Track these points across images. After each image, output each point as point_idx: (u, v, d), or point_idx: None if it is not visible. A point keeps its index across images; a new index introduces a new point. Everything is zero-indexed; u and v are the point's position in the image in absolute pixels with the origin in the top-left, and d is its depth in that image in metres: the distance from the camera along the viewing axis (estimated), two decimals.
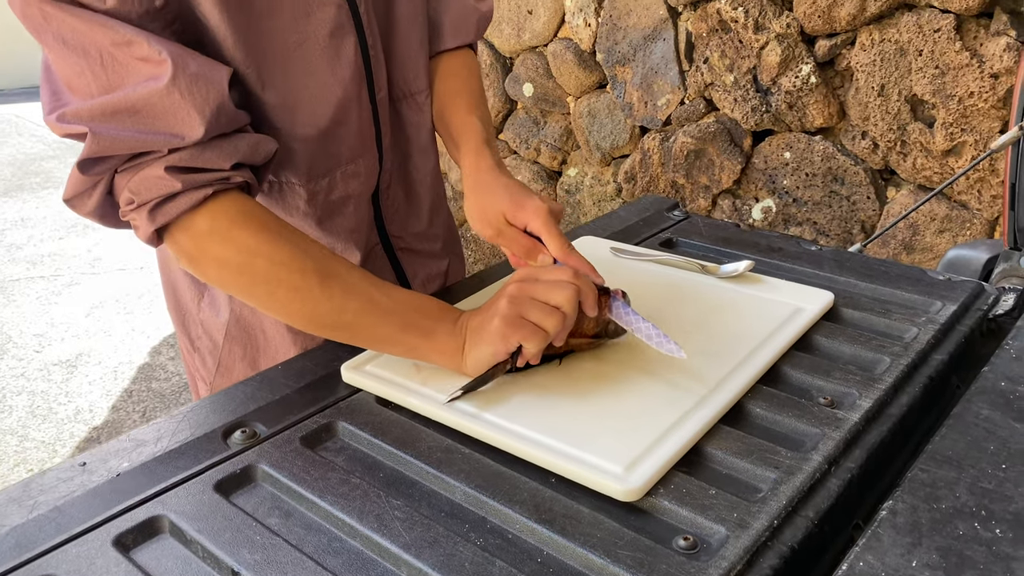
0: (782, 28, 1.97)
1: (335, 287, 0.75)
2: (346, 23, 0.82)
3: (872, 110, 1.90)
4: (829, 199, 2.05)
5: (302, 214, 0.90)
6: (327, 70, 0.82)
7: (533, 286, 0.74)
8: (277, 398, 0.78)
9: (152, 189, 0.71)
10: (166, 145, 0.70)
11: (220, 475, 0.67)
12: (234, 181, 0.75)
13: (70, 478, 0.67)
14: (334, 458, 0.70)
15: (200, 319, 1.00)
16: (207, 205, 0.73)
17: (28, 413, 2.63)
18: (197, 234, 0.74)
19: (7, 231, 4.33)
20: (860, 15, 1.84)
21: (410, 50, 0.93)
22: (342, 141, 0.88)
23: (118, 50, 0.68)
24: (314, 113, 0.84)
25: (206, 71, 0.71)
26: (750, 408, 0.74)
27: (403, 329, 0.76)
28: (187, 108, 0.69)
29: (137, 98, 0.68)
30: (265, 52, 0.78)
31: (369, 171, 0.94)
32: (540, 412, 0.72)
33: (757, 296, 0.92)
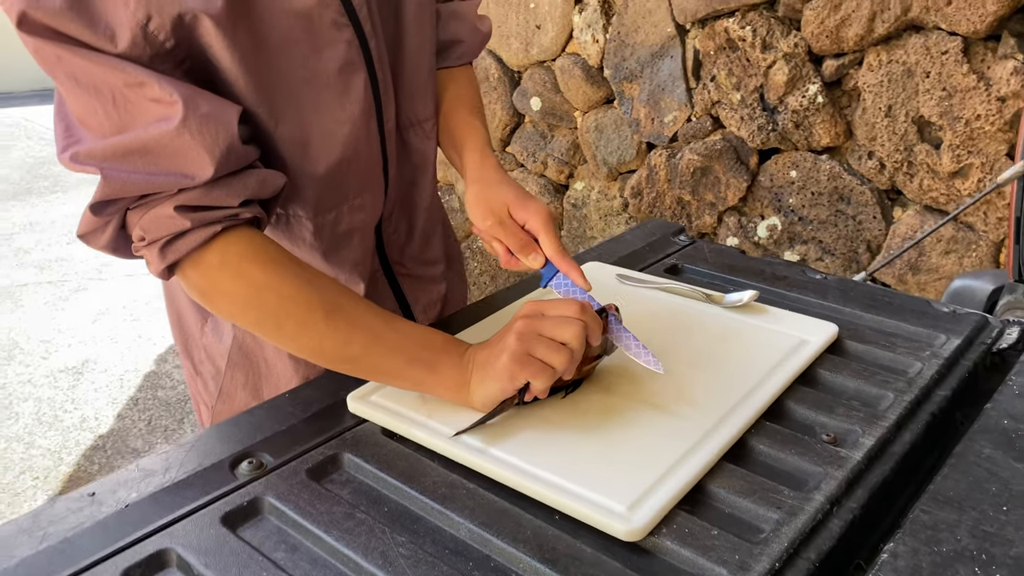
0: (789, 47, 1.98)
1: (340, 321, 0.76)
2: (356, 59, 0.83)
3: (879, 130, 1.90)
4: (835, 218, 2.05)
5: (308, 246, 0.91)
6: (337, 106, 0.83)
7: (540, 322, 0.74)
8: (284, 428, 0.79)
9: (162, 227, 0.72)
10: (176, 186, 0.71)
11: (227, 507, 0.68)
12: (243, 217, 0.76)
13: (79, 508, 0.68)
14: (340, 491, 0.71)
15: (203, 344, 1.01)
16: (217, 241, 0.75)
17: (34, 420, 2.64)
18: (207, 269, 0.75)
19: (15, 235, 4.35)
20: (868, 36, 1.85)
21: (419, 80, 0.94)
22: (350, 175, 0.89)
23: (130, 91, 0.69)
24: (324, 149, 0.84)
25: (216, 111, 0.71)
26: (753, 444, 0.75)
27: (409, 363, 0.77)
28: (197, 149, 0.70)
29: (148, 139, 0.69)
30: (276, 90, 0.79)
31: (375, 203, 0.94)
32: (545, 447, 0.73)
33: (761, 327, 0.92)
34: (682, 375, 0.83)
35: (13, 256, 4.05)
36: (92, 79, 0.69)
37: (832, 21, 1.89)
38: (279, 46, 0.78)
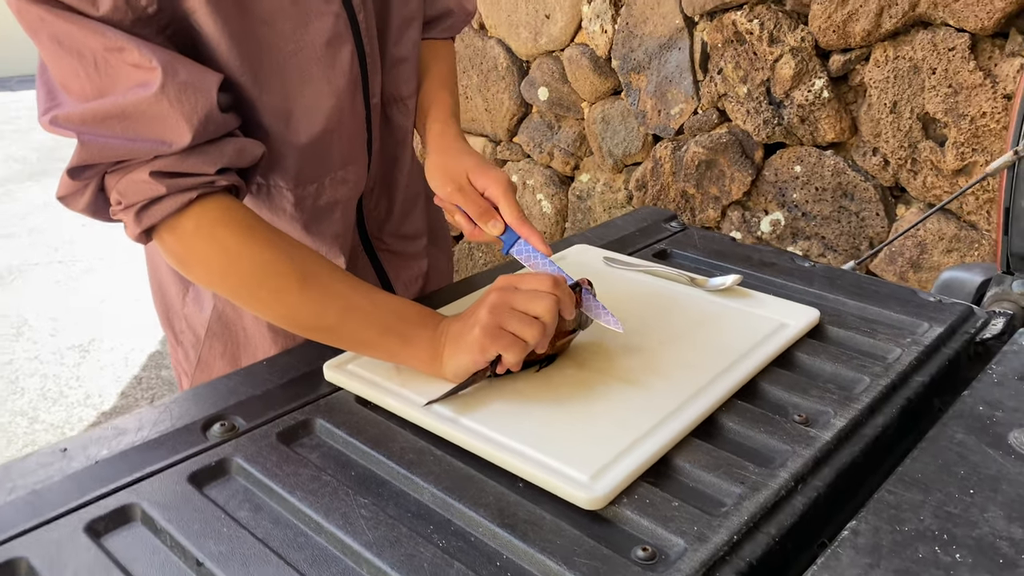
0: (796, 42, 1.97)
1: (315, 290, 0.76)
2: (344, 32, 0.83)
3: (884, 127, 1.89)
4: (838, 214, 2.04)
5: (288, 217, 0.91)
6: (322, 78, 0.83)
7: (513, 295, 0.75)
8: (259, 393, 0.80)
9: (138, 192, 0.73)
10: (153, 152, 0.71)
11: (195, 467, 0.69)
12: (219, 184, 0.76)
13: (50, 463, 0.69)
14: (309, 455, 0.71)
15: (184, 314, 1.01)
16: (193, 207, 0.75)
17: (40, 396, 2.67)
18: (183, 235, 0.76)
19: (30, 215, 4.40)
20: (875, 31, 1.83)
21: (403, 55, 0.95)
22: (333, 148, 0.89)
23: (111, 55, 0.69)
24: (307, 120, 0.85)
25: (196, 79, 0.72)
26: (723, 422, 0.75)
27: (382, 333, 0.78)
28: (175, 116, 0.70)
29: (127, 104, 0.69)
30: (261, 60, 0.79)
31: (358, 177, 0.95)
32: (515, 418, 0.73)
33: (742, 310, 0.92)
34: (657, 352, 0.83)
35: (27, 235, 4.09)
36: (74, 42, 0.69)
37: (839, 16, 1.87)
38: (265, 16, 0.78)
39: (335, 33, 0.83)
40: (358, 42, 0.86)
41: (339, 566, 0.59)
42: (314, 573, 0.58)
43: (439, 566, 0.58)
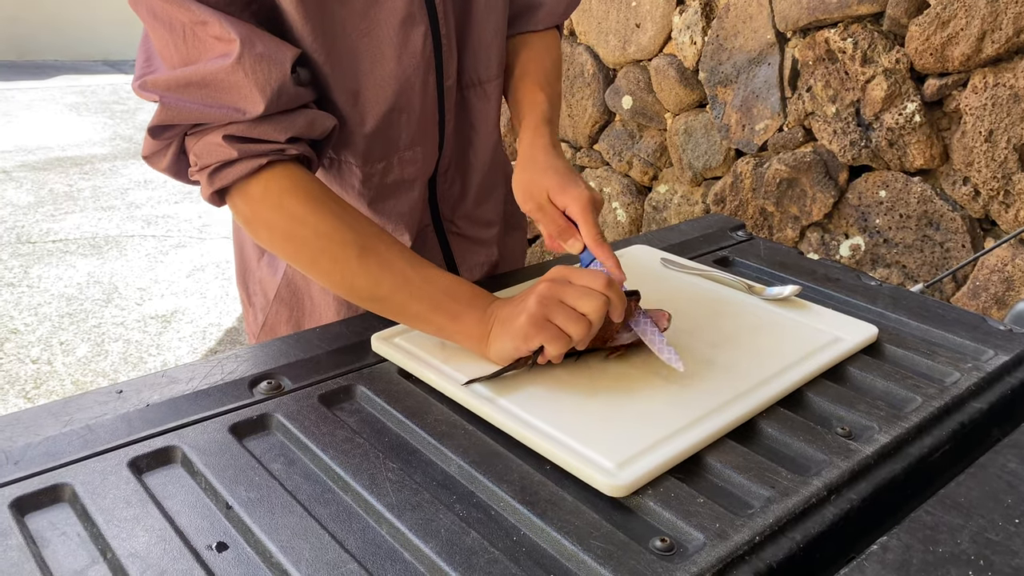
0: (891, 63, 1.91)
1: (372, 262, 0.79)
2: (417, 13, 0.85)
3: (977, 156, 1.82)
4: (921, 243, 1.97)
5: (356, 193, 0.94)
6: (394, 58, 0.85)
7: (564, 289, 0.75)
8: (307, 357, 0.82)
9: (212, 154, 0.77)
10: (227, 118, 0.76)
11: (238, 419, 0.71)
12: (289, 153, 0.79)
13: (105, 402, 0.73)
14: (347, 418, 0.73)
15: (259, 276, 1.06)
16: (262, 174, 0.79)
17: (121, 359, 2.80)
18: (251, 199, 0.80)
19: (130, 190, 4.61)
20: (975, 56, 1.77)
21: (484, 39, 0.95)
22: (402, 127, 0.91)
23: (196, 28, 0.74)
24: (376, 99, 0.87)
25: (271, 52, 0.75)
26: (763, 427, 0.73)
27: (433, 309, 0.79)
28: (250, 85, 0.74)
29: (207, 72, 0.74)
30: (335, 37, 0.82)
31: (428, 157, 0.96)
32: (550, 403, 0.73)
33: (797, 320, 0.90)
34: (704, 354, 0.82)
35: (126, 209, 4.29)
36: (166, 15, 0.74)
37: (938, 39, 1.81)
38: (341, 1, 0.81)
39: (408, 13, 0.85)
40: (433, 24, 0.88)
41: (360, 523, 0.60)
42: (336, 527, 0.60)
43: (456, 533, 0.59)
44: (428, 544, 0.58)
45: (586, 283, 0.75)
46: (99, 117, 6.18)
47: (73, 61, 7.96)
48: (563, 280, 0.76)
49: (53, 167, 4.93)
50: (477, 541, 0.58)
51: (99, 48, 8.22)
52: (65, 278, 3.40)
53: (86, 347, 2.86)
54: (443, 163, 1.00)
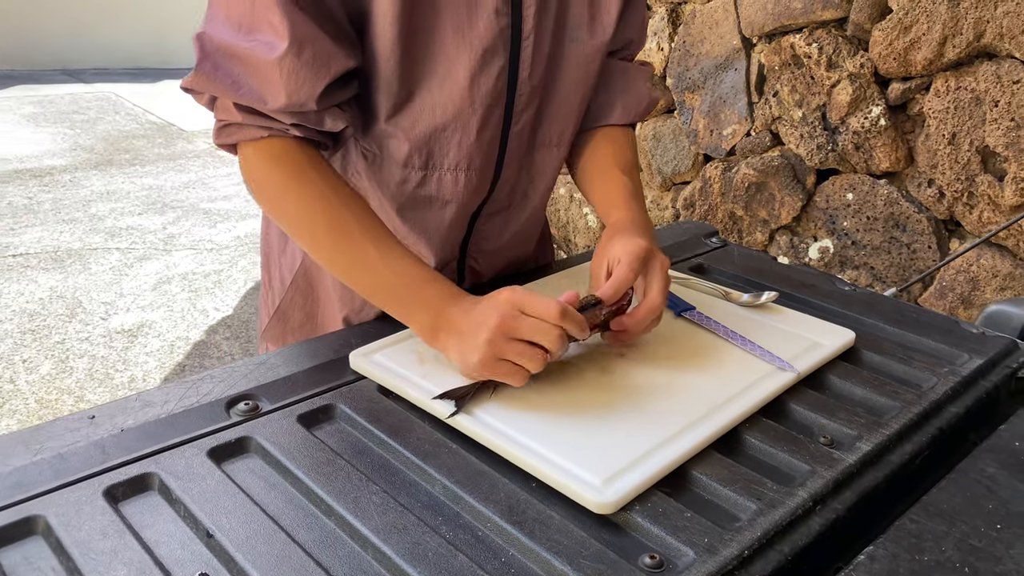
0: (855, 68, 1.94)
1: (341, 241, 0.82)
2: (501, 47, 0.85)
3: (941, 158, 1.85)
4: (889, 245, 2.00)
5: (389, 194, 0.94)
6: (464, 79, 0.85)
7: (517, 323, 0.73)
8: (284, 375, 0.81)
9: (224, 112, 0.82)
10: (248, 101, 0.79)
11: (215, 443, 0.70)
12: (291, 134, 0.83)
13: (77, 428, 0.71)
14: (327, 439, 0.72)
15: (280, 261, 1.08)
16: (262, 141, 0.83)
17: (87, 376, 2.74)
18: (247, 160, 0.86)
19: (93, 202, 4.53)
20: (937, 60, 1.80)
21: (564, 109, 0.96)
22: (451, 147, 0.90)
23: (260, 4, 0.75)
24: (433, 109, 0.87)
25: (315, 65, 0.77)
26: (746, 438, 0.74)
27: (388, 295, 0.82)
28: (280, 85, 0.77)
29: (252, 54, 0.77)
30: (416, 43, 0.83)
31: (470, 188, 0.94)
32: (534, 417, 0.73)
33: (775, 327, 0.91)
34: (683, 363, 0.82)
35: (88, 221, 4.22)
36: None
37: (901, 43, 1.84)
38: (436, 16, 0.82)
39: (492, 45, 0.85)
40: (513, 64, 0.88)
41: (345, 549, 0.59)
42: (321, 554, 0.59)
43: (444, 557, 0.58)
44: (416, 568, 0.57)
45: (539, 314, 0.73)
46: (58, 127, 6.07)
47: (29, 71, 7.81)
48: (514, 312, 0.73)
49: (11, 179, 4.83)
50: (465, 564, 0.57)
51: (56, 57, 8.08)
52: (27, 293, 3.33)
53: (50, 364, 2.80)
54: (490, 205, 0.99)
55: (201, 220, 4.34)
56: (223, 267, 3.71)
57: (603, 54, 0.96)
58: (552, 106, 0.96)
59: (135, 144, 5.78)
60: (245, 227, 4.26)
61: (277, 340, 1.08)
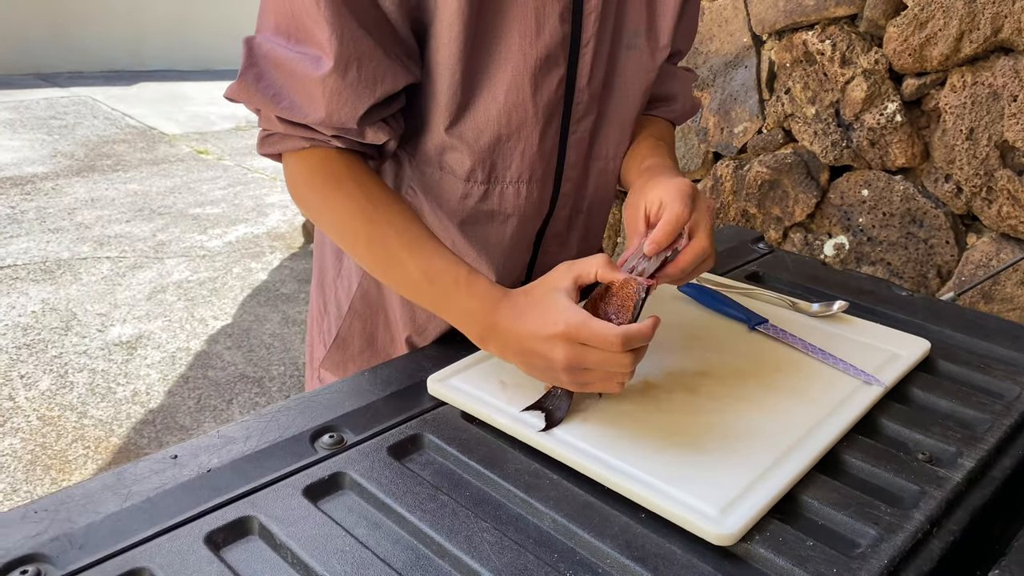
0: (870, 64, 1.93)
1: (379, 253, 0.82)
2: (559, 55, 0.84)
3: (958, 153, 1.85)
4: (905, 240, 2.00)
5: (450, 210, 0.91)
6: (527, 90, 0.84)
7: (584, 357, 0.70)
8: (364, 404, 0.78)
9: (266, 122, 0.82)
10: (289, 115, 0.78)
11: (308, 480, 0.67)
12: (333, 145, 0.82)
13: (162, 470, 0.68)
14: (420, 471, 0.70)
15: (335, 287, 1.05)
16: (302, 152, 0.83)
17: (88, 390, 2.68)
18: (289, 171, 0.86)
19: (77, 210, 4.45)
20: (953, 56, 1.80)
21: (621, 118, 0.95)
22: (513, 155, 0.88)
23: (309, 17, 0.74)
24: (499, 119, 0.85)
25: (359, 89, 0.76)
26: (845, 457, 0.72)
27: (431, 305, 0.81)
28: (322, 102, 0.76)
29: (296, 67, 0.76)
30: (480, 55, 0.81)
31: (532, 198, 0.92)
32: (631, 444, 0.71)
33: (850, 338, 0.89)
34: (767, 380, 0.81)
35: (75, 230, 4.14)
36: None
37: (916, 39, 1.84)
38: (503, 22, 0.80)
39: (551, 54, 0.83)
40: (571, 70, 0.86)
41: None
42: None
43: None
44: None
45: (602, 346, 0.69)
46: (36, 134, 5.95)
47: (1, 76, 7.65)
48: (576, 348, 0.70)
49: None
50: None
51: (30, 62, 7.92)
52: (18, 307, 3.26)
53: (49, 379, 2.74)
54: (553, 224, 0.97)
55: (190, 226, 4.27)
56: (218, 274, 3.65)
57: (659, 61, 0.95)
58: (609, 115, 0.94)
59: (116, 149, 5.68)
60: (236, 232, 4.20)
61: (338, 368, 1.05)
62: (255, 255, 3.89)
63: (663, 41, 0.93)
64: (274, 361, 2.88)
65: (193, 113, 6.85)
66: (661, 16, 0.92)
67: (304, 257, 3.88)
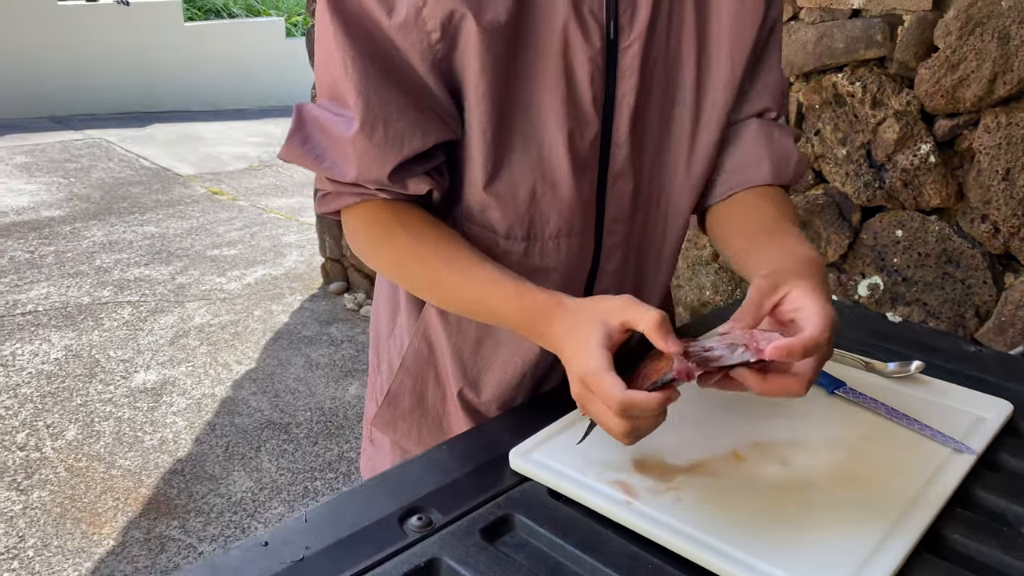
0: (901, 105, 1.94)
1: (436, 296, 0.87)
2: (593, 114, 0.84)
3: (995, 193, 1.85)
4: (942, 281, 1.99)
5: None
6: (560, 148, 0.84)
7: (587, 403, 0.70)
8: (447, 482, 0.77)
9: (320, 183, 0.86)
10: (329, 174, 0.82)
11: (404, 567, 0.66)
12: (380, 197, 0.84)
13: (253, 559, 0.67)
14: (515, 555, 0.68)
15: (388, 344, 1.06)
16: (354, 208, 0.87)
17: (115, 440, 2.67)
18: (346, 226, 0.90)
19: (96, 254, 4.46)
20: (987, 97, 1.80)
21: (674, 176, 0.92)
22: (550, 211, 0.88)
23: (341, 82, 0.78)
24: (533, 176, 0.85)
25: (384, 148, 0.78)
26: (946, 533, 0.70)
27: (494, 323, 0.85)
28: (354, 163, 0.80)
29: (334, 129, 0.80)
30: (509, 121, 0.82)
31: (572, 252, 0.91)
32: (730, 523, 0.69)
33: (930, 401, 0.88)
34: (856, 450, 0.80)
35: (94, 274, 4.15)
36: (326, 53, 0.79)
37: (949, 81, 1.85)
38: (529, 82, 0.81)
39: (585, 112, 0.83)
40: (607, 127, 0.85)
41: None
42: None
43: None
44: None
45: (603, 400, 0.67)
46: (52, 177, 6.00)
47: (17, 119, 7.72)
48: (584, 391, 0.69)
49: (10, 233, 4.75)
50: None
51: (44, 105, 8.01)
52: (41, 353, 3.25)
53: (75, 429, 2.73)
54: (601, 279, 0.96)
55: (209, 268, 4.28)
56: (239, 317, 3.65)
57: (718, 120, 0.92)
58: (656, 171, 0.92)
59: (132, 191, 5.71)
60: (255, 274, 4.21)
61: (387, 426, 1.04)
62: (275, 297, 3.89)
63: (718, 98, 0.91)
64: (300, 407, 2.87)
65: (206, 154, 6.90)
66: (713, 71, 0.90)
67: (324, 299, 3.88)
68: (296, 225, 5.04)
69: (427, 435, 1.02)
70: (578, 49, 0.81)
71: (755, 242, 0.85)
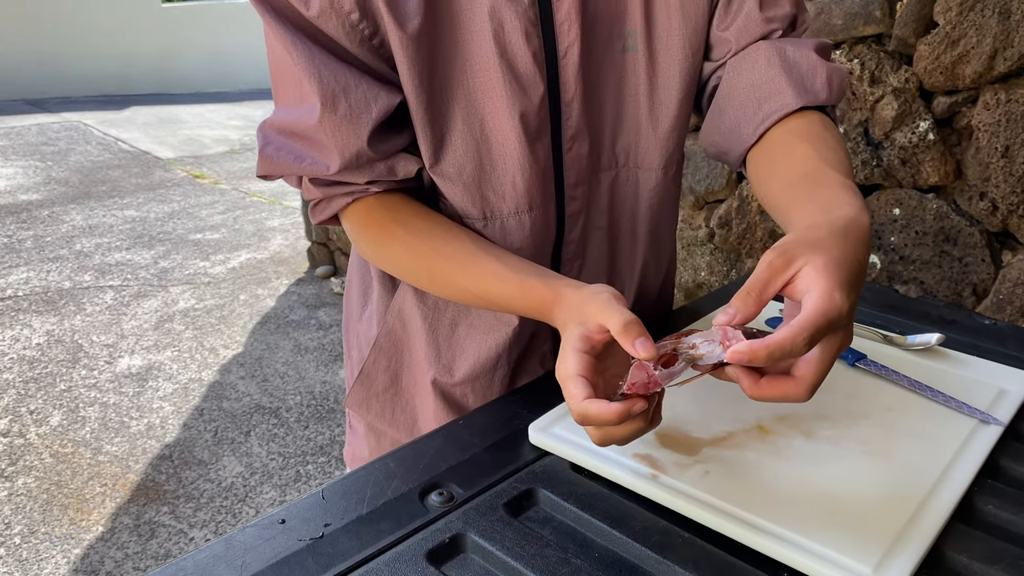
0: (900, 82, 1.93)
1: (441, 286, 0.84)
2: (536, 72, 0.79)
3: (994, 171, 1.84)
4: (939, 259, 1.99)
5: None
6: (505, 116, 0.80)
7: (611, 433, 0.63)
8: (467, 457, 0.75)
9: (308, 192, 0.85)
10: (314, 172, 0.80)
11: (429, 543, 0.64)
12: (371, 191, 0.83)
13: (271, 537, 0.64)
14: (541, 530, 0.66)
15: (358, 329, 1.05)
16: (348, 208, 0.85)
17: (101, 425, 2.62)
18: (346, 228, 0.89)
19: (75, 238, 4.39)
20: (987, 74, 1.79)
21: (635, 126, 0.88)
22: (504, 187, 0.84)
23: (292, 74, 0.75)
24: (477, 150, 0.82)
25: (355, 113, 0.75)
26: (979, 505, 0.69)
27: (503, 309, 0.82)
28: (331, 145, 0.77)
29: (301, 123, 0.77)
30: (440, 88, 0.79)
31: (536, 228, 0.87)
32: (760, 496, 0.67)
33: (953, 373, 0.87)
34: (882, 422, 0.78)
35: (74, 259, 4.08)
36: (276, 53, 0.77)
37: (948, 57, 1.83)
38: (457, 48, 0.78)
39: (526, 70, 0.79)
40: (553, 86, 0.81)
41: None
42: None
43: None
44: None
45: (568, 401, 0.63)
46: (28, 160, 5.89)
47: None
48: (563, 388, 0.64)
49: None
50: None
51: (18, 87, 7.86)
52: (22, 339, 3.19)
53: (59, 414, 2.68)
54: (567, 249, 0.92)
55: (192, 252, 4.22)
56: (224, 301, 3.60)
57: (679, 64, 0.85)
58: (614, 125, 0.88)
59: (111, 175, 5.62)
60: (239, 258, 4.15)
61: (360, 405, 1.01)
62: (260, 281, 3.84)
63: (672, 40, 0.84)
64: (289, 391, 2.83)
65: (186, 137, 6.80)
66: (661, 9, 0.83)
67: (310, 283, 3.84)
68: (280, 209, 4.98)
69: (400, 415, 1.00)
70: (505, 8, 0.77)
71: (793, 196, 0.72)
